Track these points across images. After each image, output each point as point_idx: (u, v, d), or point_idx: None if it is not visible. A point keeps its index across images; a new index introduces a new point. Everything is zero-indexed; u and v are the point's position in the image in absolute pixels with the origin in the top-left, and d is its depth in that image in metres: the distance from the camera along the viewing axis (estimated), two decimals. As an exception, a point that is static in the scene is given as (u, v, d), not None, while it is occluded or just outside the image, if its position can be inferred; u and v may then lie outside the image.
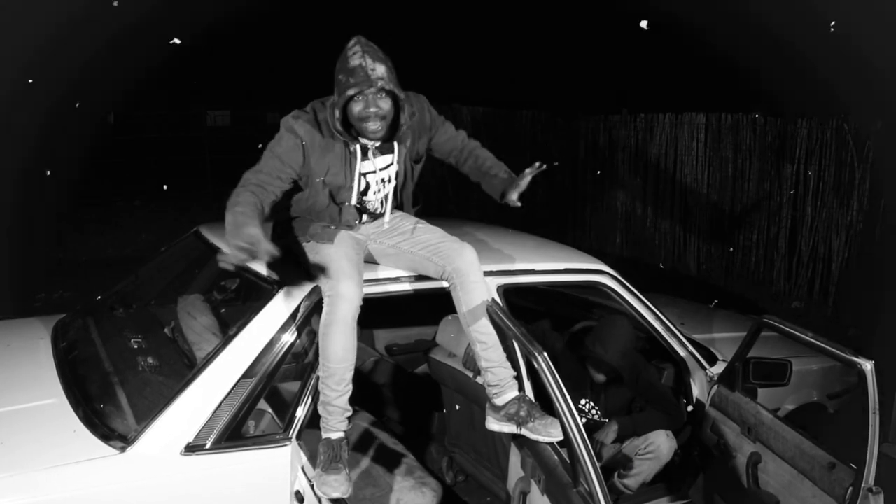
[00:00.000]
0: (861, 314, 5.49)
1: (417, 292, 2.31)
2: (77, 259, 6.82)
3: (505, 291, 2.42)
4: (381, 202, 2.27)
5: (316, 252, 2.14)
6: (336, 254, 2.10)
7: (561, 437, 2.07)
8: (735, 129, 6.85)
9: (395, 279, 2.28)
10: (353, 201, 2.20)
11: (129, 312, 2.81)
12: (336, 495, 1.92)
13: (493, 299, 2.21)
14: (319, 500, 1.90)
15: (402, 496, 2.42)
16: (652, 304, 2.85)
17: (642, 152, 7.70)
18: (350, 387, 2.06)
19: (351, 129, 2.12)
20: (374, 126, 2.06)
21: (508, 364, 2.22)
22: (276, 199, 2.10)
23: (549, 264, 2.65)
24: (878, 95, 5.96)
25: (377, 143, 2.16)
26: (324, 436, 2.06)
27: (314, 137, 2.10)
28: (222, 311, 2.75)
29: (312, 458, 2.02)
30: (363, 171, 2.18)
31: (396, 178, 2.25)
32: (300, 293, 2.13)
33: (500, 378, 2.20)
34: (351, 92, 2.00)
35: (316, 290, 2.12)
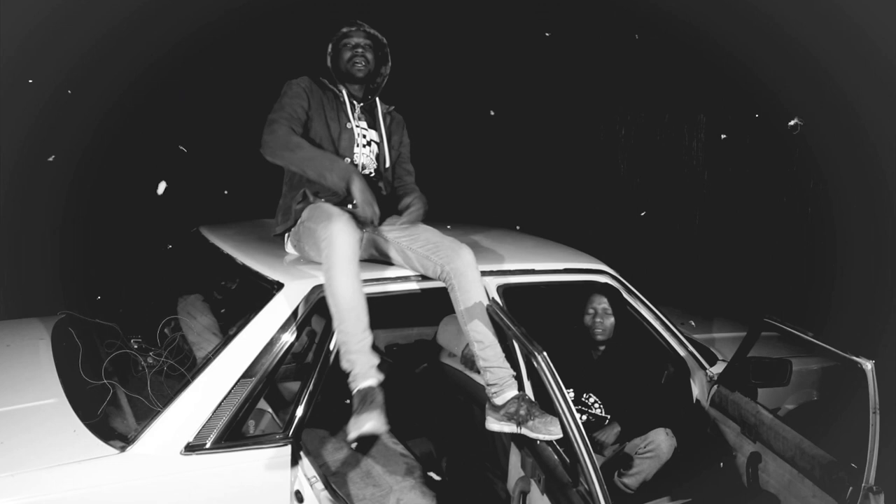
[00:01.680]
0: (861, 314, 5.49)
1: (417, 292, 2.31)
2: (79, 261, 6.81)
3: (505, 291, 2.42)
4: (371, 169, 2.45)
5: (307, 220, 2.23)
6: (328, 209, 2.17)
7: (561, 435, 2.07)
8: (735, 128, 6.84)
9: (395, 279, 2.29)
10: (354, 151, 2.40)
11: (128, 313, 2.81)
12: (367, 428, 1.88)
13: (492, 299, 2.22)
14: (320, 500, 1.90)
15: (402, 496, 2.42)
16: (652, 303, 2.85)
17: (642, 152, 7.70)
18: (369, 334, 2.03)
19: (336, 84, 2.45)
20: (359, 63, 2.39)
21: (507, 363, 2.23)
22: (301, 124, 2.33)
23: (549, 264, 2.65)
24: (877, 96, 5.95)
25: (360, 103, 2.47)
26: (354, 388, 2.00)
27: (312, 86, 2.40)
28: (222, 311, 2.75)
29: (312, 458, 2.02)
30: (349, 120, 2.42)
31: (380, 150, 2.46)
32: (300, 293, 2.13)
33: (498, 377, 2.20)
34: (344, 30, 2.39)
35: (316, 290, 2.12)
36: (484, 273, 2.40)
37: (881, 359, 2.34)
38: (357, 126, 2.43)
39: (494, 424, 2.22)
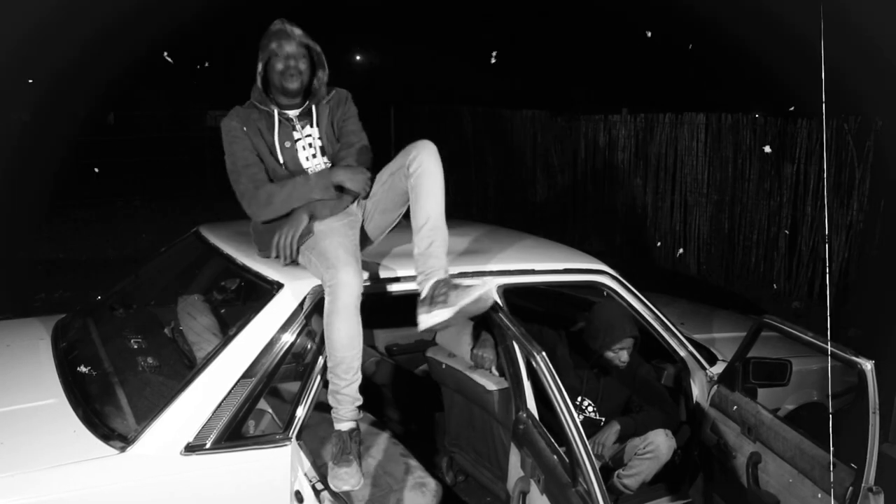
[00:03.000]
0: (861, 314, 5.49)
1: (418, 292, 2.30)
2: (77, 259, 6.82)
3: (505, 291, 2.42)
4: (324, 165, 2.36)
5: (311, 249, 2.16)
6: (331, 244, 2.12)
7: (482, 292, 2.01)
8: (735, 129, 6.85)
9: (395, 279, 2.29)
10: (303, 167, 2.31)
11: (129, 312, 2.81)
12: (346, 488, 1.94)
13: (493, 300, 2.21)
14: (320, 500, 1.90)
15: (402, 496, 2.42)
16: (652, 303, 2.85)
17: (642, 152, 7.70)
18: (359, 375, 2.05)
19: (270, 98, 2.33)
20: (293, 76, 2.25)
21: (444, 258, 2.14)
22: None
23: (549, 264, 2.65)
24: (878, 95, 5.95)
25: (296, 112, 2.34)
26: (336, 427, 2.05)
27: (247, 118, 2.30)
28: (222, 311, 2.75)
29: (312, 458, 2.02)
30: (289, 138, 2.32)
31: (324, 151, 2.36)
32: (300, 293, 2.13)
33: (427, 266, 2.12)
34: (273, 45, 2.25)
35: (316, 290, 2.12)
36: (484, 273, 2.40)
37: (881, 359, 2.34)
38: (298, 140, 2.32)
39: (423, 322, 2.08)
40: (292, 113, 2.34)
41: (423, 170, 2.14)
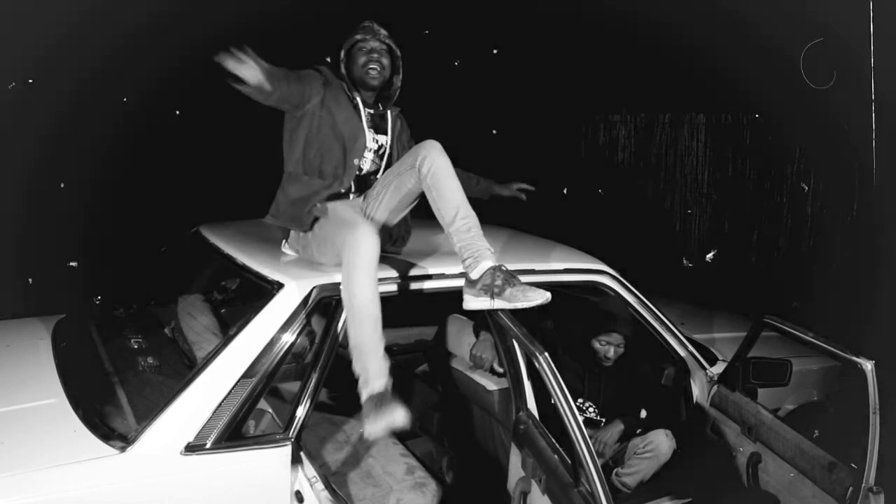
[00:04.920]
0: (861, 314, 5.49)
1: (417, 292, 2.31)
2: (79, 260, 6.80)
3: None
4: (371, 173, 2.40)
5: (322, 227, 2.21)
6: (345, 211, 2.19)
7: (542, 301, 2.05)
8: (735, 129, 6.85)
9: (395, 279, 2.29)
10: (364, 154, 2.35)
11: (129, 312, 2.81)
12: (398, 423, 1.95)
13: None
14: (320, 500, 1.90)
15: (402, 496, 2.41)
16: (652, 303, 2.85)
17: (642, 152, 7.70)
18: (383, 338, 2.04)
19: (351, 89, 2.37)
20: (374, 70, 2.31)
21: (483, 238, 2.18)
22: (296, 90, 2.23)
23: (549, 264, 2.65)
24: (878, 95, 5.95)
25: (371, 111, 2.39)
26: (366, 393, 2.00)
27: (331, 79, 2.35)
28: (222, 311, 2.75)
29: (312, 458, 2.02)
30: (364, 127, 2.36)
31: (388, 157, 2.41)
32: (301, 293, 2.13)
33: (475, 248, 2.14)
34: (358, 36, 2.32)
35: (316, 290, 2.12)
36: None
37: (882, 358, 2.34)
38: (369, 131, 2.38)
39: (471, 302, 2.13)
40: (369, 111, 2.39)
41: (437, 168, 2.16)
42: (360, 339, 2.01)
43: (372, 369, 2.01)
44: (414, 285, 2.29)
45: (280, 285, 2.14)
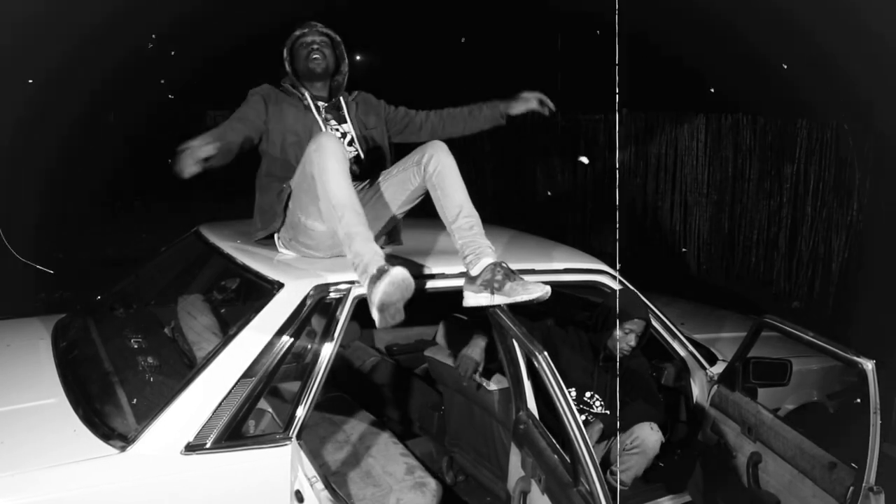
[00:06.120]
0: (861, 313, 5.49)
1: (418, 292, 2.30)
2: (77, 259, 6.81)
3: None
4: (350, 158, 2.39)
5: (292, 200, 2.27)
6: (298, 171, 2.22)
7: (541, 293, 2.06)
8: (735, 129, 6.86)
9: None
10: None
11: (129, 312, 2.81)
12: (400, 277, 1.93)
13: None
14: (320, 500, 1.90)
15: (402, 496, 2.41)
16: (652, 303, 2.85)
17: (642, 152, 7.71)
18: (369, 228, 2.05)
19: (298, 87, 2.46)
20: (317, 58, 2.40)
21: (485, 236, 2.21)
22: (248, 131, 2.33)
23: (549, 264, 2.65)
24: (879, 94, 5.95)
25: (324, 103, 2.47)
26: (365, 278, 1.98)
27: (271, 92, 2.44)
28: (222, 311, 2.74)
29: (312, 458, 2.02)
30: (320, 122, 2.42)
31: (356, 141, 2.47)
32: (300, 293, 2.13)
33: (476, 244, 2.17)
34: (297, 32, 2.42)
35: (316, 290, 2.12)
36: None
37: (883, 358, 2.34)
38: (326, 125, 2.44)
39: (471, 298, 2.16)
40: (321, 104, 2.46)
41: (442, 167, 2.20)
42: (347, 229, 2.03)
43: (366, 255, 2.00)
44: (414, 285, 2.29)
45: (280, 285, 2.14)
